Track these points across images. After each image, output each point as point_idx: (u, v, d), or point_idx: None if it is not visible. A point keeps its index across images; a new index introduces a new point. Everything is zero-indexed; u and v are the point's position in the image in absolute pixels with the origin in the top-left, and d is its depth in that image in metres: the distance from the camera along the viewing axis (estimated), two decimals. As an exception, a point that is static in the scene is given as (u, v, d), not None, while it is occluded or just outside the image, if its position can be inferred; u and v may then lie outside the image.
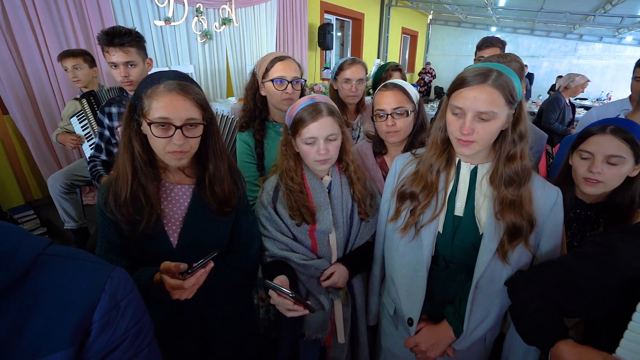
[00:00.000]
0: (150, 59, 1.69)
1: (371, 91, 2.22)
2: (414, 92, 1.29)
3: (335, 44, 7.04)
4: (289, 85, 1.36)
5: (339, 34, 7.29)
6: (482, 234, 0.94)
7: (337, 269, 1.14)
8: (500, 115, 0.83)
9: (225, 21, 4.09)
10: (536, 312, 0.84)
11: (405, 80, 1.82)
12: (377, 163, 1.34)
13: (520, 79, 1.55)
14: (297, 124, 1.07)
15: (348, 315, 1.24)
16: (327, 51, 6.12)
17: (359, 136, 1.75)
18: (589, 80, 3.59)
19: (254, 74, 1.45)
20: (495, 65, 0.85)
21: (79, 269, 0.55)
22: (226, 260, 1.07)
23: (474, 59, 2.25)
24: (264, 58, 1.41)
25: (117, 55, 1.53)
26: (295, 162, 1.13)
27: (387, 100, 1.25)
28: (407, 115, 1.24)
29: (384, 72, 2.11)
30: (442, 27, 11.34)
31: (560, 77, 8.55)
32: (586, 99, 7.62)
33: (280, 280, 1.00)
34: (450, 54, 10.98)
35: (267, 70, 1.37)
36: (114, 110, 1.67)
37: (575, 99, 7.16)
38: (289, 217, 1.10)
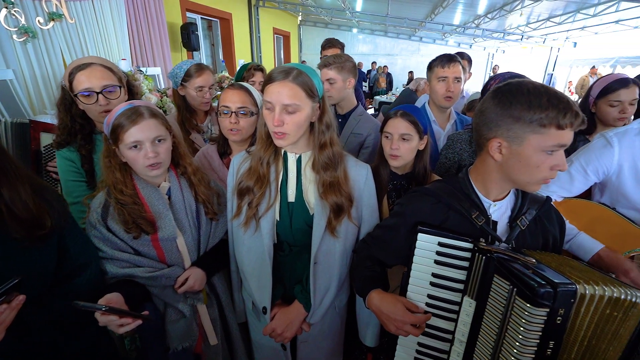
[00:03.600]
0: None
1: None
2: (259, 97, 1.36)
3: (205, 44, 6.73)
4: (99, 96, 1.22)
5: (208, 34, 6.98)
6: (313, 214, 1.05)
7: (192, 272, 1.12)
8: (304, 107, 0.94)
9: (54, 16, 3.42)
10: (363, 271, 1.03)
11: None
12: (223, 164, 1.35)
13: (354, 76, 1.77)
14: (117, 130, 1.00)
15: (215, 316, 1.23)
16: (195, 52, 5.79)
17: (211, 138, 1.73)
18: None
19: (63, 88, 1.26)
20: (298, 65, 0.96)
21: None
22: (55, 291, 0.92)
23: (320, 57, 2.49)
24: (66, 69, 1.25)
25: None
26: (123, 173, 1.06)
27: (232, 99, 1.30)
28: (250, 116, 1.31)
29: (246, 72, 2.13)
30: (312, 28, 12.10)
31: (411, 72, 10.27)
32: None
33: (107, 300, 0.90)
34: (322, 53, 11.83)
35: (70, 83, 1.22)
36: None
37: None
38: (124, 232, 1.03)
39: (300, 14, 11.01)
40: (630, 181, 1.04)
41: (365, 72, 10.69)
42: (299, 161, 1.07)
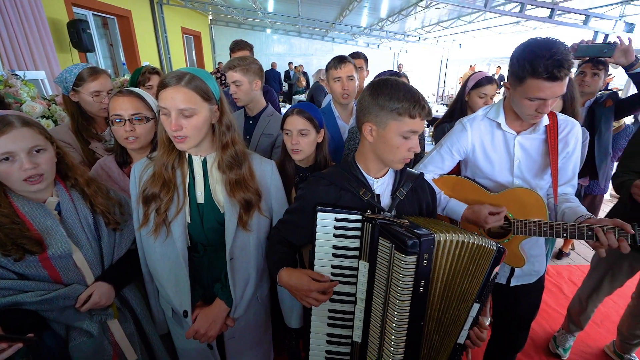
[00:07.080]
0: None
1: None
2: (153, 101, 1.32)
3: (101, 44, 6.03)
4: None
5: (105, 32, 6.26)
6: (224, 212, 1.08)
7: (96, 287, 1.05)
8: (200, 110, 0.96)
9: None
10: (273, 254, 1.11)
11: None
12: (123, 173, 1.29)
13: (261, 78, 1.82)
14: None
15: (132, 330, 1.17)
16: (89, 53, 5.15)
17: (114, 146, 1.62)
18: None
19: None
20: (191, 70, 0.98)
21: None
22: None
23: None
24: None
25: None
26: None
27: (123, 106, 1.23)
28: (146, 121, 1.27)
29: (140, 76, 2.01)
30: (224, 28, 11.74)
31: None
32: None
33: None
34: (238, 54, 11.58)
35: None
36: None
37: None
38: (2, 255, 0.92)
39: (210, 13, 10.59)
40: (480, 156, 1.32)
41: (282, 73, 10.83)
42: (204, 163, 1.09)
